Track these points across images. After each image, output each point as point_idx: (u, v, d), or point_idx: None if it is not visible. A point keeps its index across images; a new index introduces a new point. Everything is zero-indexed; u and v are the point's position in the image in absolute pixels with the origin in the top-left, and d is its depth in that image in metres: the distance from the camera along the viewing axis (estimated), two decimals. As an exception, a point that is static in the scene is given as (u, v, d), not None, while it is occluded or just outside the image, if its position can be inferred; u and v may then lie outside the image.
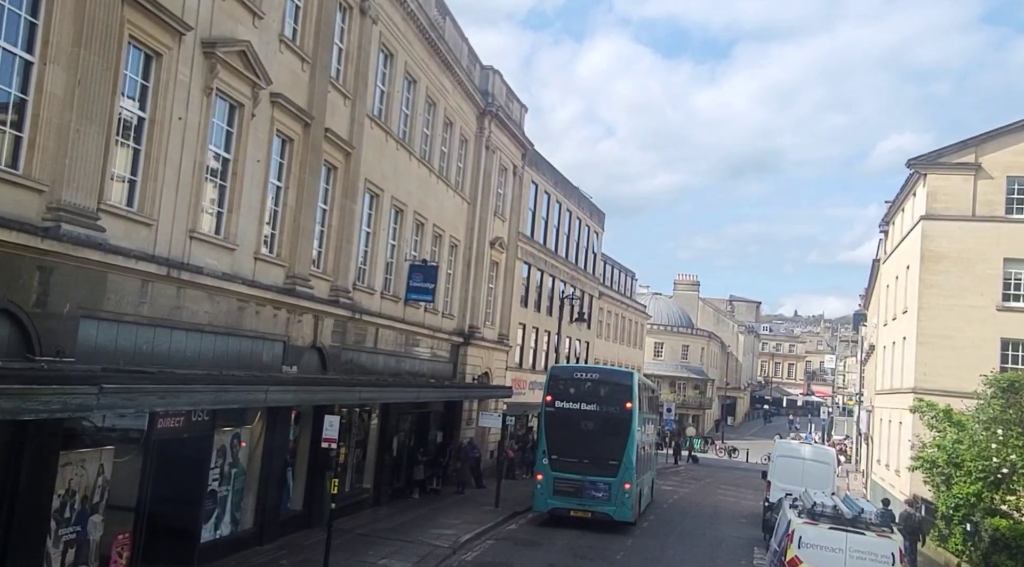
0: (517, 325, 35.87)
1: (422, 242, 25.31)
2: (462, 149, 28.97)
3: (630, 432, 22.83)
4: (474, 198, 29.99)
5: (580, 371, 24.40)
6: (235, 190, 14.64)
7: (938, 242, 28.43)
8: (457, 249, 29.03)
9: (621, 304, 55.31)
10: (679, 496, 34.65)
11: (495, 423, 24.50)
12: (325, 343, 18.66)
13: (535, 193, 37.28)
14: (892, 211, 36.07)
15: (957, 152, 28.39)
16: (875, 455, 37.37)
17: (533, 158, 36.50)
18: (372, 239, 21.61)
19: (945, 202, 28.48)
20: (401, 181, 23.06)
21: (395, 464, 24.55)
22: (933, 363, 28.05)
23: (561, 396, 23.33)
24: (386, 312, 22.50)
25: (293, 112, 16.34)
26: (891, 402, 32.95)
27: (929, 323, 28.27)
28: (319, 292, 18.34)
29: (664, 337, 79.72)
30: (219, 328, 14.31)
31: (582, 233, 45.13)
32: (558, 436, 23.07)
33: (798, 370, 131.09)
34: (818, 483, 26.14)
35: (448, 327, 28.21)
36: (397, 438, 24.50)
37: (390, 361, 22.97)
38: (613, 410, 23.07)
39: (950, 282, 28.18)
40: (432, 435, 27.95)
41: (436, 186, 26.25)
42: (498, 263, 33.02)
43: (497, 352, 32.89)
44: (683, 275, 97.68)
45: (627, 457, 22.66)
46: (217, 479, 14.95)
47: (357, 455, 22.25)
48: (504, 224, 33.39)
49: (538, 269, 37.93)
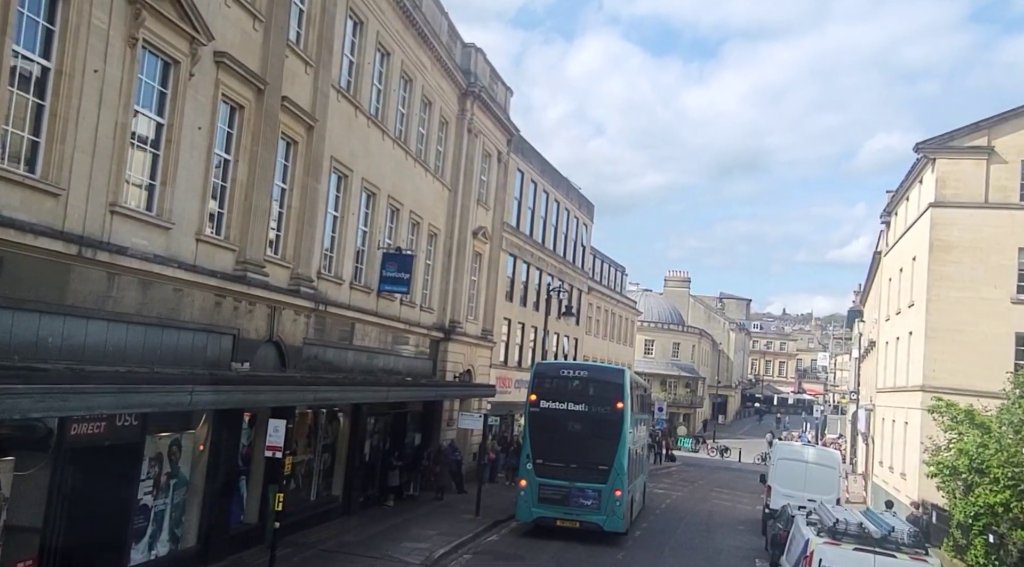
0: (502, 320, 34.03)
1: (397, 229, 23.44)
2: (442, 131, 27.10)
3: (621, 434, 21.04)
4: (455, 185, 28.13)
5: (567, 368, 22.56)
6: (170, 160, 12.73)
7: (948, 231, 26.76)
8: (437, 238, 27.17)
9: (611, 300, 53.55)
10: (672, 500, 32.92)
11: (476, 424, 22.68)
12: (284, 337, 16.77)
13: (521, 182, 35.44)
14: (895, 200, 34.43)
15: (968, 135, 26.74)
16: (876, 456, 35.76)
17: (519, 145, 34.65)
18: (340, 224, 19.72)
19: (955, 188, 26.82)
20: (373, 162, 21.18)
21: (368, 469, 22.67)
22: (943, 359, 26.39)
23: (547, 395, 21.51)
24: (356, 304, 20.63)
25: (243, 75, 14.43)
26: (895, 401, 31.32)
27: (939, 317, 26.62)
28: (276, 280, 16.45)
29: (654, 334, 78.07)
30: (151, 319, 12.41)
31: (570, 225, 43.32)
32: (543, 439, 21.25)
33: (789, 368, 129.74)
34: (822, 488, 24.54)
35: (427, 322, 26.36)
36: (370, 441, 22.63)
37: (361, 357, 21.09)
38: (603, 410, 21.26)
39: (961, 273, 26.54)
40: (410, 437, 26.06)
41: (413, 170, 24.38)
42: (481, 254, 31.17)
43: (480, 348, 31.05)
44: (674, 272, 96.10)
45: (618, 462, 20.87)
46: (151, 492, 13.05)
47: (325, 460, 20.38)
48: (488, 213, 31.53)
49: (524, 262, 36.10)
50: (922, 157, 27.61)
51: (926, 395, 26.35)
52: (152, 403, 9.86)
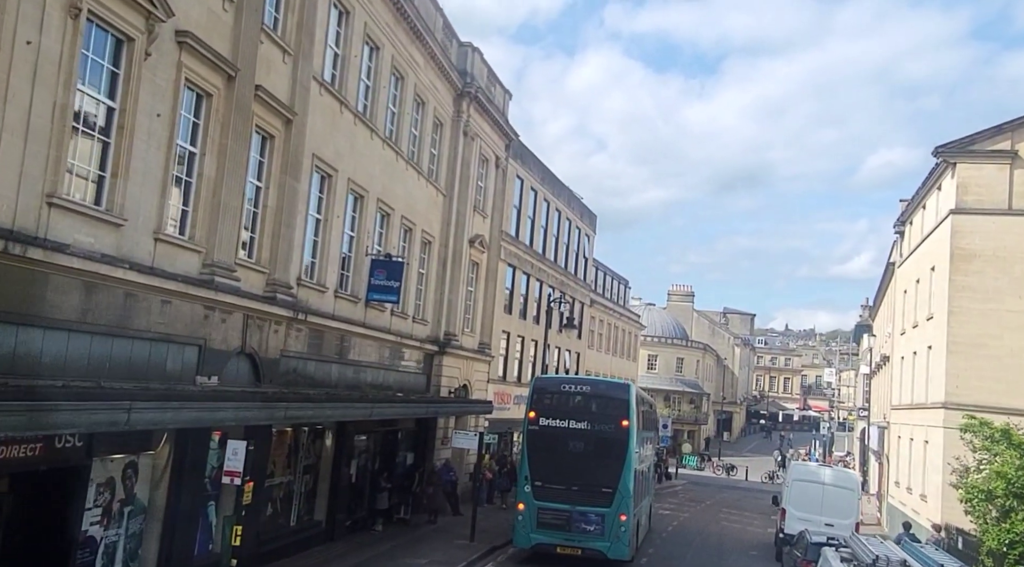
0: (500, 333, 32.61)
1: (387, 235, 22.08)
2: (436, 133, 25.81)
3: (627, 454, 19.56)
4: (450, 190, 26.79)
5: (568, 383, 21.07)
6: (123, 149, 11.38)
7: (970, 239, 25.34)
8: (431, 246, 25.81)
9: (614, 313, 52.12)
10: (679, 522, 31.33)
11: (471, 443, 21.24)
12: (258, 349, 15.37)
13: (520, 189, 34.13)
14: (910, 209, 33.04)
15: (991, 138, 25.37)
16: (892, 476, 34.16)
17: (518, 150, 33.38)
18: (323, 228, 18.37)
19: (977, 194, 25.43)
20: (361, 162, 19.86)
21: (355, 491, 21.20)
22: (966, 375, 24.90)
23: (546, 412, 20.05)
24: (342, 314, 19.24)
25: (210, 59, 13.12)
26: (913, 418, 29.78)
27: (961, 330, 25.14)
28: (250, 286, 15.08)
29: (658, 349, 76.52)
30: (98, 326, 11.02)
31: (572, 235, 41.98)
32: (543, 459, 19.77)
33: (794, 384, 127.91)
34: (840, 512, 23.09)
35: (420, 334, 24.95)
36: (357, 461, 21.16)
37: (347, 372, 19.68)
38: (607, 428, 19.80)
39: (984, 284, 25.09)
40: (401, 457, 24.60)
41: (405, 173, 23.06)
42: (478, 264, 29.80)
43: (477, 362, 29.62)
44: (677, 286, 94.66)
45: (623, 484, 19.38)
46: (99, 521, 11.61)
47: (307, 482, 18.91)
48: (485, 221, 30.20)
49: (524, 272, 34.72)
50: (941, 162, 26.24)
51: (949, 413, 24.86)
52: (76, 423, 8.45)
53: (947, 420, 24.82)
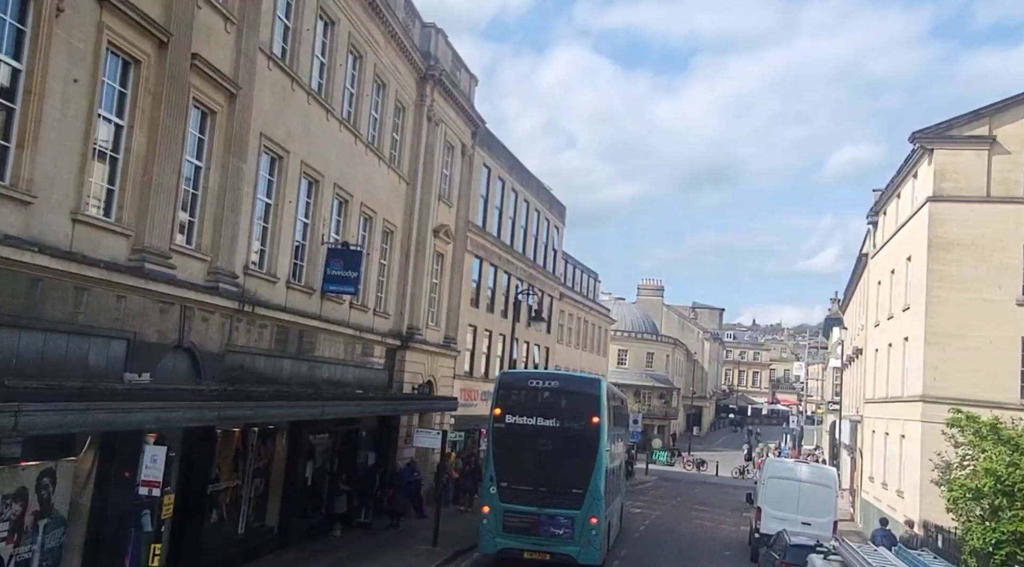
0: (467, 327, 31.48)
1: (346, 223, 20.84)
2: (398, 118, 24.57)
3: (598, 453, 18.55)
4: (414, 177, 25.59)
5: (536, 378, 19.98)
6: (31, 117, 10.05)
7: (948, 227, 24.72)
8: (393, 236, 24.59)
9: (583, 307, 51.22)
10: (651, 521, 30.47)
11: (433, 442, 20.08)
12: (198, 343, 14.09)
13: (487, 178, 32.99)
14: (884, 198, 32.48)
15: (968, 123, 24.75)
16: (866, 471, 33.65)
17: (485, 138, 32.23)
18: (274, 213, 17.09)
19: (955, 181, 24.81)
20: (315, 144, 18.59)
21: (311, 495, 19.97)
22: (944, 367, 24.27)
23: (512, 409, 18.96)
24: (295, 306, 17.98)
25: (137, 22, 11.81)
26: (889, 412, 29.20)
27: (939, 320, 24.52)
28: (189, 274, 13.79)
29: (628, 344, 75.89)
30: (2, 317, 9.71)
31: (541, 227, 40.94)
32: (509, 459, 18.69)
33: (763, 378, 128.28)
34: (818, 510, 22.33)
35: (382, 328, 23.75)
36: (313, 463, 19.93)
37: (301, 368, 18.43)
38: (577, 426, 18.76)
39: (962, 273, 24.47)
40: (362, 457, 23.40)
41: (365, 158, 21.82)
42: (443, 255, 28.63)
43: (442, 358, 28.47)
44: (647, 280, 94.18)
45: (594, 485, 18.36)
46: (4, 538, 10.29)
47: (257, 486, 17.63)
48: (451, 211, 29.02)
49: (491, 264, 33.60)
50: (918, 148, 25.59)
51: (927, 406, 24.25)
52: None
53: (926, 414, 24.20)
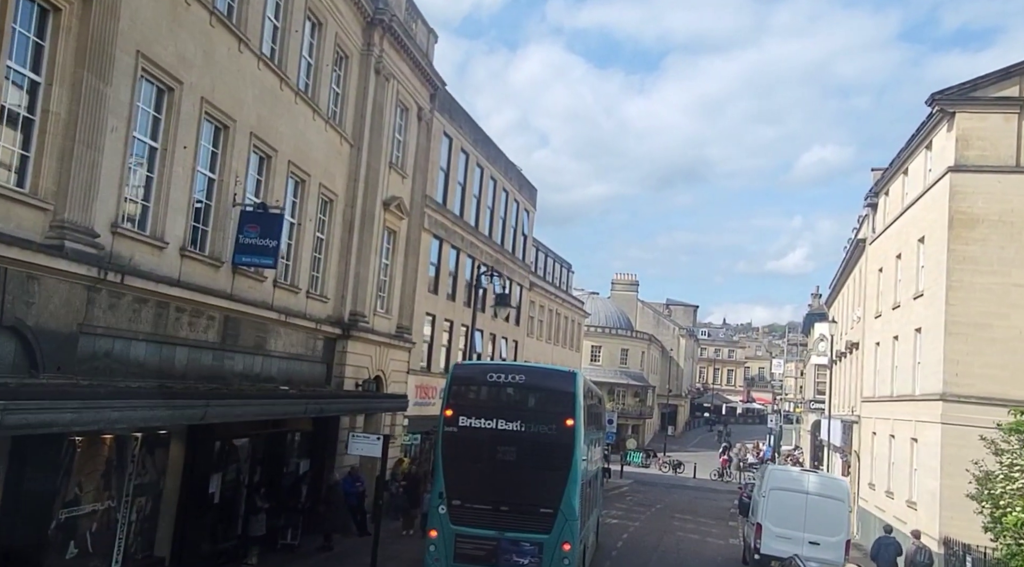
0: (424, 316, 27.92)
1: (269, 184, 17.20)
2: (339, 67, 20.95)
3: (572, 463, 15.10)
4: (359, 139, 21.97)
5: (497, 371, 16.32)
6: None
7: (971, 201, 21.63)
8: (333, 206, 20.96)
9: (556, 298, 47.81)
10: (630, 534, 27.12)
11: (371, 450, 16.52)
12: (31, 320, 10.40)
13: (448, 149, 29.41)
14: (887, 176, 29.41)
15: (996, 83, 21.71)
16: (864, 477, 30.60)
17: (446, 104, 28.66)
18: (162, 160, 13.40)
19: (980, 149, 21.73)
20: (223, 80, 14.93)
21: (220, 514, 16.30)
22: (968, 361, 21.20)
23: (467, 409, 15.45)
24: (193, 280, 14.32)
25: None
26: (895, 412, 26.12)
27: (961, 308, 21.43)
28: (17, 227, 10.12)
29: (602, 340, 72.66)
30: None
31: (510, 209, 37.44)
32: (462, 471, 15.18)
33: (737, 376, 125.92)
34: (828, 527, 19.07)
35: (317, 313, 20.15)
36: (222, 475, 16.25)
37: (201, 357, 14.78)
38: (546, 430, 15.30)
39: (988, 254, 21.41)
40: (292, 466, 19.81)
41: (295, 108, 18.17)
42: (396, 232, 25.03)
43: (394, 350, 24.87)
44: (621, 275, 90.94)
45: (567, 502, 14.91)
46: None
47: (140, 507, 13.94)
48: (405, 182, 25.42)
49: (453, 247, 30.05)
50: (936, 112, 22.46)
51: (948, 405, 21.18)
52: None
53: (947, 414, 21.15)
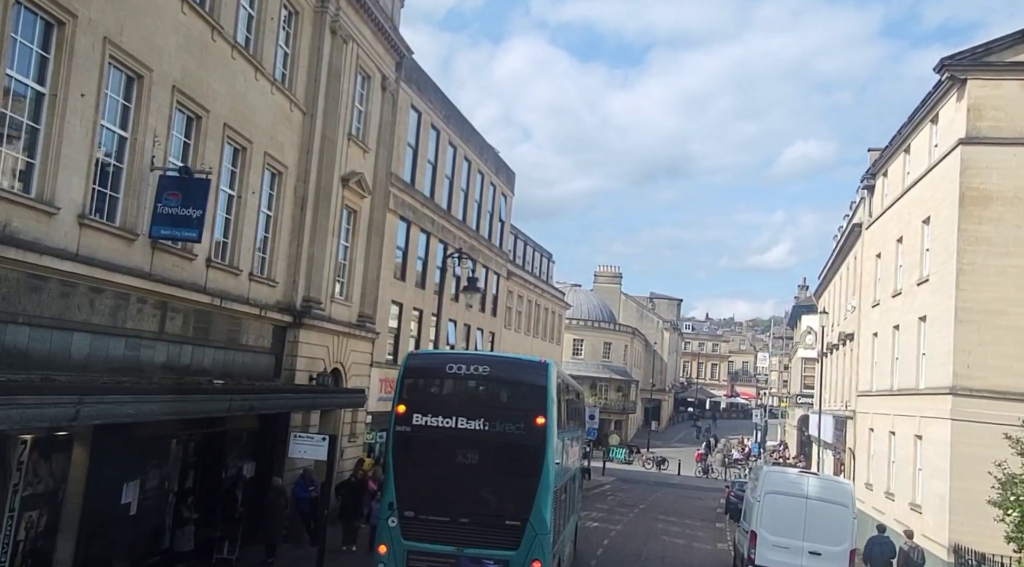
0: (389, 304, 25.80)
1: (198, 149, 15.02)
2: (288, 24, 18.77)
3: (543, 468, 13.04)
4: (312, 105, 19.80)
5: (457, 361, 14.07)
6: None
7: (984, 177, 19.78)
8: (282, 179, 18.80)
9: (535, 289, 45.77)
10: (611, 540, 25.17)
11: (315, 452, 14.38)
12: None
13: (417, 125, 27.25)
14: (887, 155, 27.56)
15: (1011, 47, 19.87)
16: (860, 477, 28.80)
17: (414, 75, 26.49)
18: (49, 107, 11.17)
19: (994, 119, 19.88)
20: (135, 20, 12.73)
21: (139, 527, 14.13)
22: (980, 351, 19.37)
23: (423, 406, 13.34)
24: (98, 255, 12.15)
25: None
26: (896, 407, 24.31)
27: (973, 293, 19.59)
28: None
29: (584, 333, 70.78)
30: None
31: (485, 193, 35.31)
32: (416, 477, 13.09)
33: (721, 370, 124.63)
34: (830, 536, 17.16)
35: (264, 298, 18.01)
36: (141, 481, 14.09)
37: (112, 347, 12.61)
38: (514, 429, 13.23)
39: (1002, 234, 19.59)
40: (233, 470, 17.67)
41: (232, 64, 15.98)
42: (357, 212, 22.88)
43: (355, 340, 22.76)
44: (604, 267, 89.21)
45: (538, 513, 12.87)
46: None
47: (31, 523, 11.77)
48: (367, 157, 23.27)
49: (422, 230, 27.91)
50: (946, 79, 20.57)
51: (958, 400, 19.37)
52: None
53: (956, 410, 19.32)
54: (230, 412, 12.76)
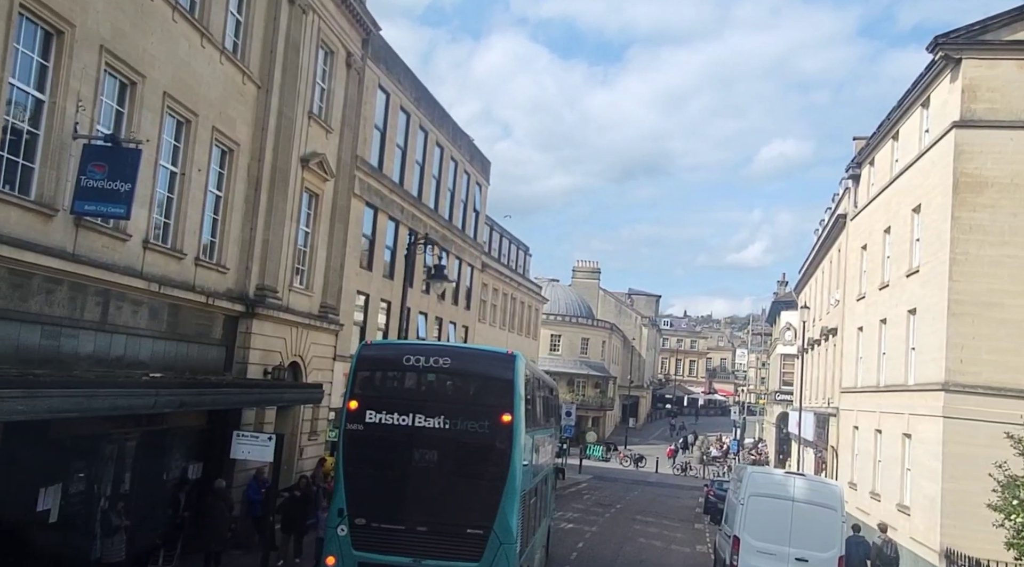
0: (355, 295, 24.47)
1: (134, 118, 13.63)
2: (241, -11, 17.39)
3: (509, 470, 11.81)
4: (268, 79, 18.42)
5: (416, 353, 12.63)
6: None
7: (979, 162, 18.80)
8: (234, 157, 17.42)
9: (511, 282, 44.54)
10: (586, 542, 24.03)
11: (260, 454, 13.03)
12: None
13: (386, 107, 25.90)
14: (873, 143, 26.59)
15: (1008, 25, 18.89)
16: (843, 475, 27.88)
17: (382, 54, 25.15)
18: (-54, 61, 9.80)
19: (990, 101, 18.90)
20: (54, -31, 11.33)
21: (60, 538, 12.73)
22: (974, 346, 18.40)
23: (377, 402, 12.06)
24: (4, 230, 10.75)
25: None
26: (883, 404, 23.36)
27: (967, 285, 18.61)
28: None
29: (561, 328, 69.59)
30: None
31: (459, 181, 34.01)
32: (368, 480, 11.82)
33: (699, 367, 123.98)
34: (817, 541, 16.12)
35: (213, 285, 16.65)
36: (62, 487, 12.68)
37: (24, 335, 11.23)
38: (478, 429, 11.99)
39: (998, 222, 18.62)
40: (176, 472, 16.27)
41: (173, 27, 14.58)
42: (319, 196, 21.53)
43: (316, 332, 21.42)
44: (582, 262, 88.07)
45: (502, 521, 11.63)
46: None
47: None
48: (330, 138, 21.91)
49: (391, 217, 26.57)
50: (939, 59, 19.57)
51: (951, 396, 18.39)
52: None
53: (949, 407, 18.35)
54: (155, 409, 11.39)
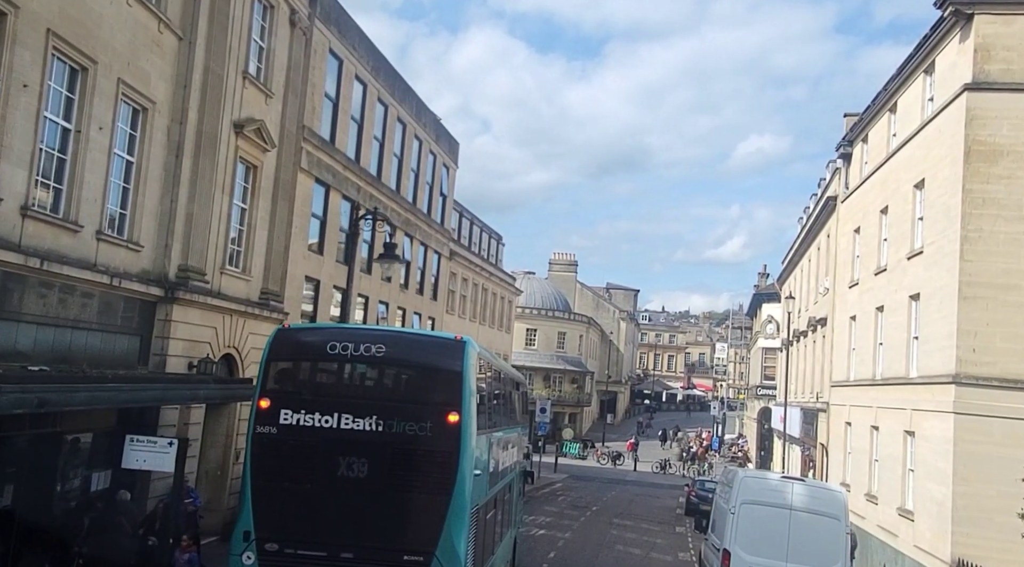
0: (303, 281, 22.15)
1: (3, 56, 11.26)
2: (154, -80, 14.99)
3: (456, 482, 9.63)
4: (190, 30, 16.05)
5: (342, 339, 10.22)
6: None
7: (994, 128, 16.87)
8: (148, 116, 15.05)
9: (482, 272, 42.30)
10: (558, 551, 21.91)
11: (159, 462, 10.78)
12: None
13: (338, 74, 23.55)
14: (867, 118, 24.64)
15: (1027, -23, 16.94)
16: (834, 475, 25.99)
17: (335, 16, 22.80)
18: None
19: (1005, 62, 16.97)
20: None
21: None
22: (987, 333, 16.47)
23: (294, 399, 9.84)
24: None
25: None
26: (881, 398, 21.45)
27: (980, 264, 16.69)
28: None
29: (537, 322, 67.48)
30: None
31: (424, 161, 31.69)
32: (283, 496, 9.58)
33: (678, 362, 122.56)
34: (819, 555, 14.07)
35: (121, 264, 14.34)
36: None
37: None
38: (418, 431, 9.78)
39: (1015, 194, 16.71)
40: (77, 482, 13.93)
41: (62, -45, 12.21)
42: (257, 168, 19.17)
43: (256, 321, 19.08)
44: (559, 254, 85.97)
45: (447, 544, 9.44)
46: None
47: None
48: (271, 103, 19.56)
49: (345, 197, 24.21)
50: (948, 16, 17.61)
51: (963, 390, 16.46)
52: None
53: (960, 401, 16.40)
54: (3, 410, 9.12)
